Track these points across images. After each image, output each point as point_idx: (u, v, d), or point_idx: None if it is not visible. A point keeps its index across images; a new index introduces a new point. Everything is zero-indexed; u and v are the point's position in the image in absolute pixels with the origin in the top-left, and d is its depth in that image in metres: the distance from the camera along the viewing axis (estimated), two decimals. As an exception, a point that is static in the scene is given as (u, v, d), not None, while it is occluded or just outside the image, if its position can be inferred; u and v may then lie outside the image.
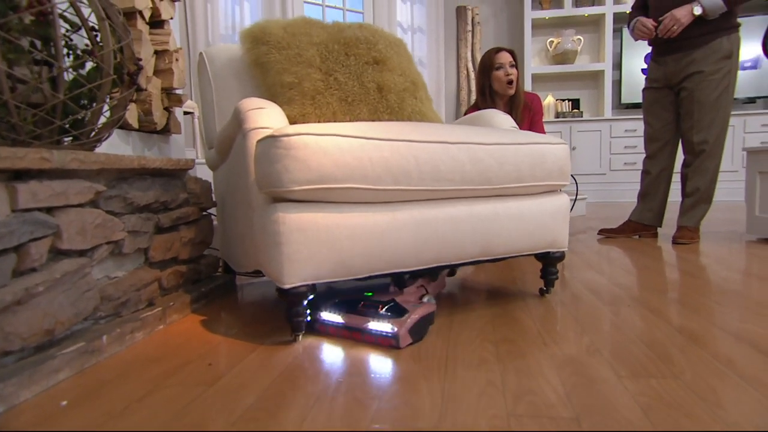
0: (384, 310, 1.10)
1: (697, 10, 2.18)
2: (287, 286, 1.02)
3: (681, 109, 2.35)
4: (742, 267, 1.78)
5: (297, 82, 1.39)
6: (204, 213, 1.54)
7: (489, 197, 1.25)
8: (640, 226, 2.54)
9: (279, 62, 1.43)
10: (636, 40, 2.43)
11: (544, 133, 2.29)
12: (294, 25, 1.52)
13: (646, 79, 2.48)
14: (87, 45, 1.12)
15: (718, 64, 2.22)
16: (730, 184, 4.88)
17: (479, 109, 2.30)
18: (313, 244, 1.02)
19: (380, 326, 1.05)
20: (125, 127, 1.66)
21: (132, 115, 1.67)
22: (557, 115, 5.16)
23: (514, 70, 2.22)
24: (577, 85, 5.40)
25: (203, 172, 2.59)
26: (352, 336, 1.10)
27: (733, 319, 1.17)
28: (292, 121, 1.35)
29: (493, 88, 2.26)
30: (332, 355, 1.00)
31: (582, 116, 5.15)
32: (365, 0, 4.72)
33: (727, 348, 0.99)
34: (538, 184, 1.29)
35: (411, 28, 5.11)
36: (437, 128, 1.18)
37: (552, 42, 5.25)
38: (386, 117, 1.45)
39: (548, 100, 5.22)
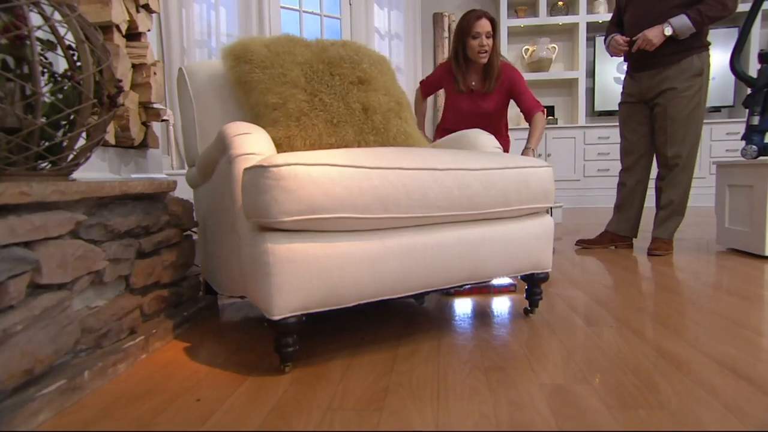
0: None
1: (668, 31, 2.24)
2: (276, 318, 1.01)
3: (655, 124, 2.41)
4: (715, 281, 1.83)
5: (281, 102, 1.37)
6: (185, 234, 1.51)
7: (476, 222, 1.25)
8: (616, 237, 2.60)
9: (262, 82, 1.41)
10: (612, 56, 2.48)
11: (537, 102, 2.20)
12: (277, 44, 1.50)
13: (622, 93, 2.54)
14: (66, 69, 1.08)
15: (690, 81, 2.29)
16: (697, 191, 5.03)
17: (451, 71, 2.25)
18: (302, 275, 1.01)
19: (501, 281, 1.70)
20: (102, 143, 1.61)
21: (109, 131, 1.62)
22: (532, 122, 5.23)
23: (489, 41, 2.16)
24: (551, 92, 5.49)
25: (180, 182, 2.53)
26: (480, 291, 1.71)
27: (712, 341, 1.21)
28: (277, 143, 1.33)
29: (467, 54, 2.22)
30: (323, 386, 0.99)
31: (557, 123, 5.24)
32: (343, 6, 4.70)
33: (710, 374, 1.02)
34: (523, 207, 1.30)
35: (388, 35, 5.11)
36: (425, 154, 1.18)
37: (527, 50, 5.32)
38: (372, 138, 1.44)
39: (524, 108, 5.29)
